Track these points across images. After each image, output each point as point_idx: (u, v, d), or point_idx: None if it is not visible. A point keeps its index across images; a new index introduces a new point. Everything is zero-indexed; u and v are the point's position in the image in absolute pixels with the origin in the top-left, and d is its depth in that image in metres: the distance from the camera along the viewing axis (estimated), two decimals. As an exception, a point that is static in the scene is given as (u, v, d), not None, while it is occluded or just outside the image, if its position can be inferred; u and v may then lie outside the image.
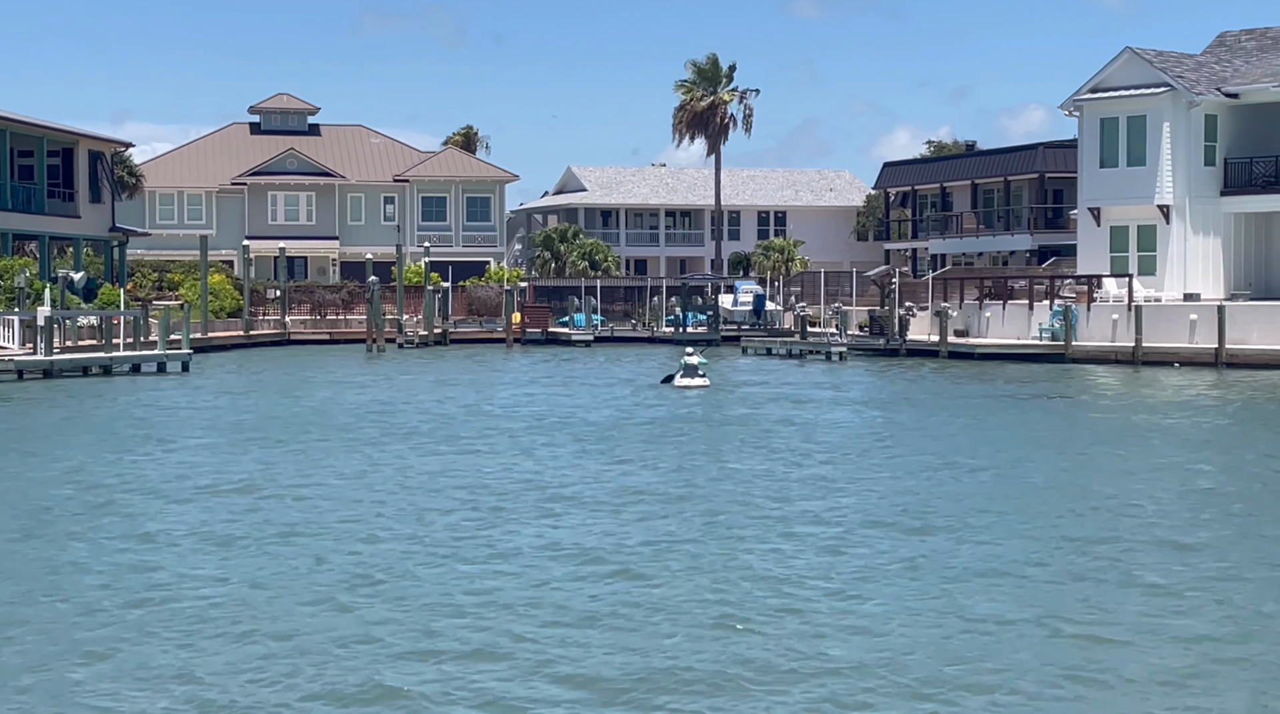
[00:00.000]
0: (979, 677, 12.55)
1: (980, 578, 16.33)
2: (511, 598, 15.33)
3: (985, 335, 58.96)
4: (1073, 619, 14.49)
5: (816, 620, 14.42)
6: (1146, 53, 58.74)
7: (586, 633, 13.93)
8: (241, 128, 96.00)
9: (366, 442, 29.40)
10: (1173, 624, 14.32)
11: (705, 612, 14.74)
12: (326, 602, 15.18)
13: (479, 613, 14.67)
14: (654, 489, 22.95)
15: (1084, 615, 14.64)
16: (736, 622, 14.32)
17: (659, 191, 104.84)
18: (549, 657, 13.11)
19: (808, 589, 15.78)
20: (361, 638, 13.73)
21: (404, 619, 14.43)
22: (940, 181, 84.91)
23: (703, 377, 44.36)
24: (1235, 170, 57.92)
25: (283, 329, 73.25)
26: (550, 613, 14.68)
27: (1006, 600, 15.25)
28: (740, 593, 15.58)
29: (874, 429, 32.08)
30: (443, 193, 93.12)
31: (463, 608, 14.87)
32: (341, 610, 14.79)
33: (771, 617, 14.55)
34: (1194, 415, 34.98)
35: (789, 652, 13.27)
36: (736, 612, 14.71)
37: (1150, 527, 19.54)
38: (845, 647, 13.42)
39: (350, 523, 19.73)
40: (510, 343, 71.34)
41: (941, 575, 16.42)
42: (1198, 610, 14.87)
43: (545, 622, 14.34)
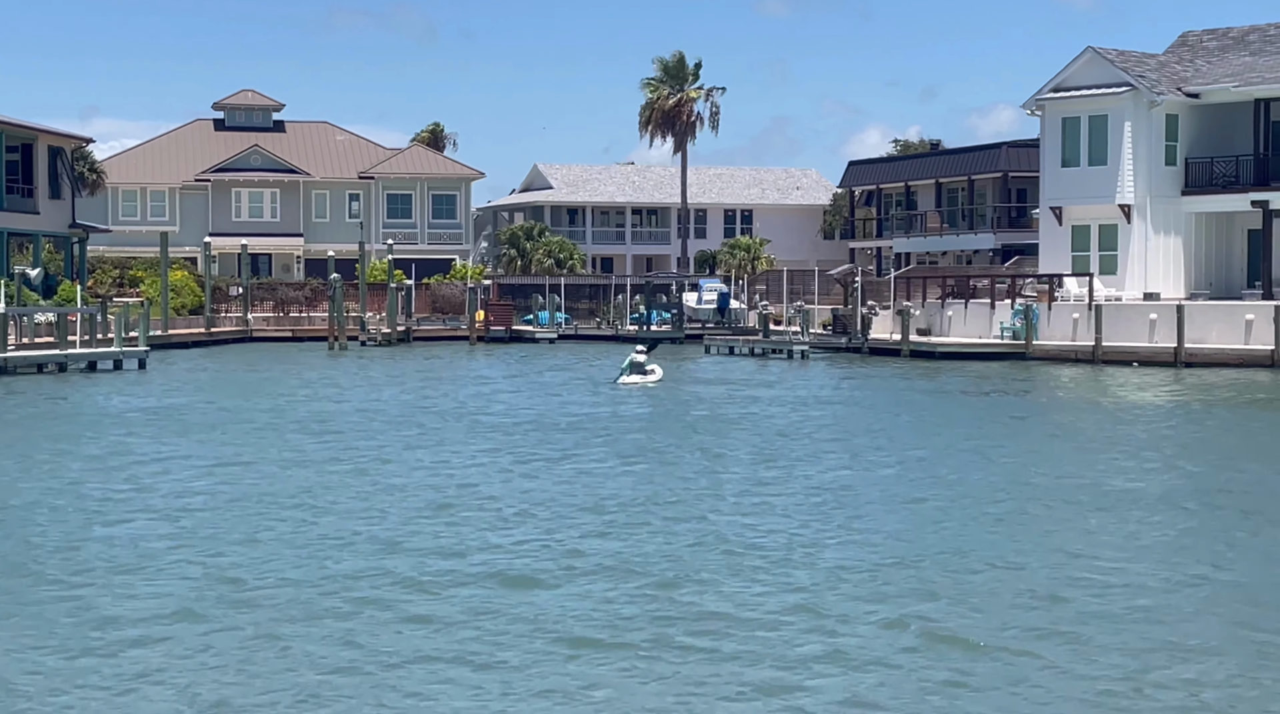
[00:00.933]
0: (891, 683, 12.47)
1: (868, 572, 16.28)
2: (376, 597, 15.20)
3: (948, 334, 58.99)
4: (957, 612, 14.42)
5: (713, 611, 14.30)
6: (1108, 52, 58.83)
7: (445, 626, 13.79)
8: (205, 124, 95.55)
9: (283, 440, 29.32)
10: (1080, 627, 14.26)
11: (606, 611, 14.63)
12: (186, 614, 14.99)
13: (333, 619, 14.51)
14: (547, 490, 22.81)
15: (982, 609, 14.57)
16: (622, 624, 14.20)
17: (625, 190, 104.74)
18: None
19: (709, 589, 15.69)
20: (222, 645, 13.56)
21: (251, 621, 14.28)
22: (905, 180, 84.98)
23: (651, 374, 44.69)
24: (1196, 170, 58.04)
25: (245, 327, 72.93)
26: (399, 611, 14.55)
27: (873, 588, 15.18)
28: (622, 599, 15.46)
29: (816, 427, 32.01)
30: (408, 190, 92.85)
31: (319, 612, 14.72)
32: (197, 619, 14.57)
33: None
34: (1133, 412, 35.13)
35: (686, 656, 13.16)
36: (623, 613, 14.59)
37: (1051, 522, 19.56)
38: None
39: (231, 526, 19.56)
40: (473, 341, 71.15)
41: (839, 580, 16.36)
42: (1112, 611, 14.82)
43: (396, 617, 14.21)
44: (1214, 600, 15.48)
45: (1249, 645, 13.60)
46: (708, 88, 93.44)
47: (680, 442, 29.48)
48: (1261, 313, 50.10)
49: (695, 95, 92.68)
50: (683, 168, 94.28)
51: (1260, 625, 14.31)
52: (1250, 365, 48.51)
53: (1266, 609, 14.98)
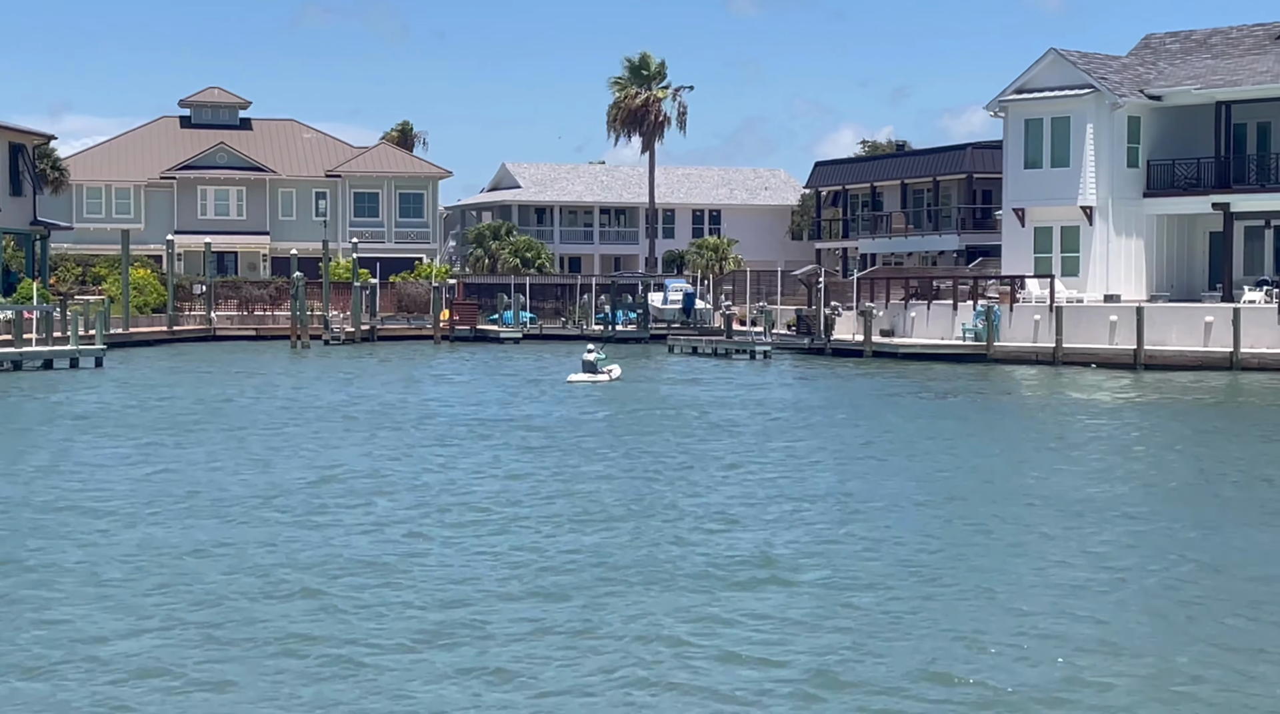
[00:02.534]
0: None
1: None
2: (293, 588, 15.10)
3: (911, 335, 59.01)
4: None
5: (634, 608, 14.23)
6: (1071, 54, 58.91)
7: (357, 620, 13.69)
8: (172, 121, 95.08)
9: (212, 438, 29.58)
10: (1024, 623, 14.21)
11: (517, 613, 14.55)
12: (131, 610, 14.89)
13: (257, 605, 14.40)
14: (472, 487, 22.81)
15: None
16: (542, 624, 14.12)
17: (593, 189, 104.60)
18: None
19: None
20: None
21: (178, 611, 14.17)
22: (871, 181, 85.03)
23: (606, 372, 45.35)
24: (1158, 172, 58.18)
25: (208, 325, 72.61)
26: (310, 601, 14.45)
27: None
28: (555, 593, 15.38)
29: (749, 426, 32.00)
30: (375, 188, 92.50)
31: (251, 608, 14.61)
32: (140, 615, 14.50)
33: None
34: (1082, 414, 35.25)
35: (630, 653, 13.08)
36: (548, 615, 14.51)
37: (991, 520, 19.54)
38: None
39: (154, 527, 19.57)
40: (437, 340, 70.93)
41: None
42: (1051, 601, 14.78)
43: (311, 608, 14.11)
44: (1152, 599, 15.47)
45: (1186, 644, 13.58)
46: (675, 87, 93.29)
47: (603, 438, 29.66)
48: (1220, 315, 50.21)
49: (662, 95, 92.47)
50: (650, 167, 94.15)
51: (1195, 625, 14.29)
52: (1209, 368, 48.62)
53: (1202, 608, 14.97)
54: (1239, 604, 15.25)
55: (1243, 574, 16.83)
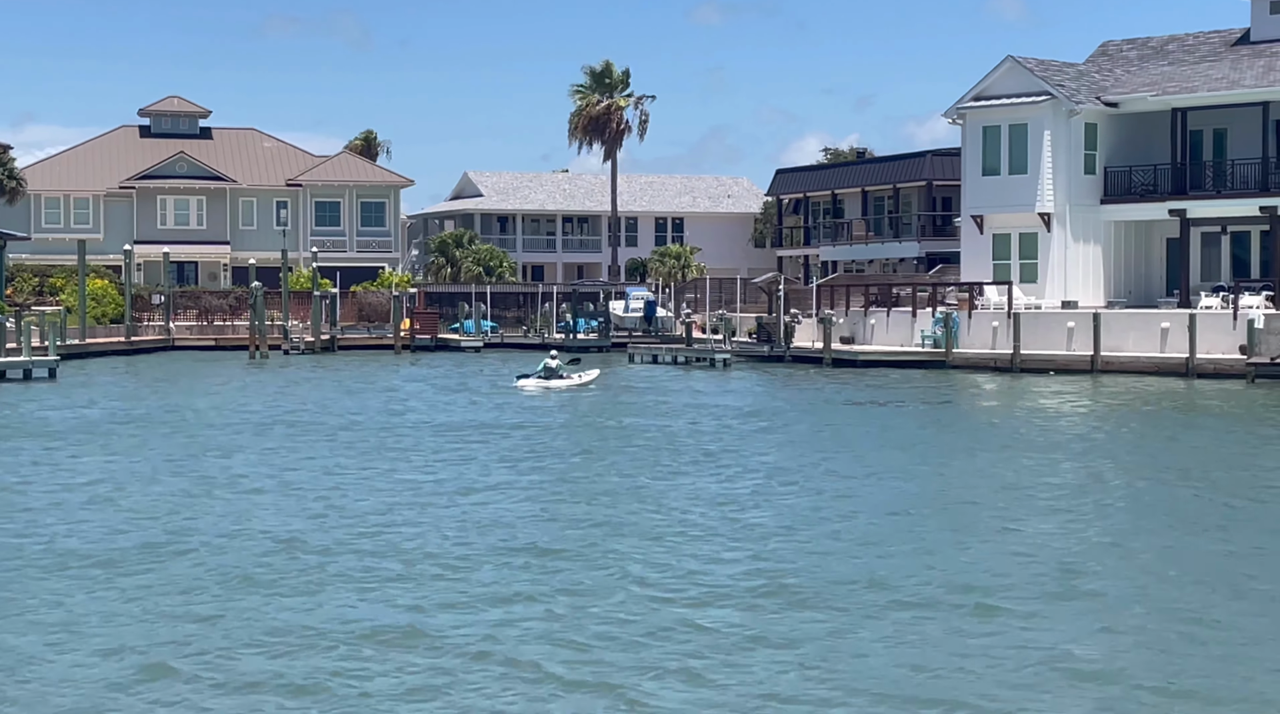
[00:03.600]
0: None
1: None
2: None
3: (871, 342, 59.06)
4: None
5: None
6: (1028, 61, 59.04)
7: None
8: (131, 131, 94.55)
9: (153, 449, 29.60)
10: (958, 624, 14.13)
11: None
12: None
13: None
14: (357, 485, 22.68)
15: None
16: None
17: (556, 197, 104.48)
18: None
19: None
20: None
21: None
22: (832, 189, 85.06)
23: (577, 376, 46.29)
24: (1115, 179, 58.35)
25: (166, 335, 72.20)
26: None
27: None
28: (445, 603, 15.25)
29: (710, 434, 31.94)
30: (337, 198, 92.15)
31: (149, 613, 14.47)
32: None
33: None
34: (1032, 419, 35.30)
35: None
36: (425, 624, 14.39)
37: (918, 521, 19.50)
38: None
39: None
40: (398, 349, 70.64)
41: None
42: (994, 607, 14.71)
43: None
44: (1097, 605, 15.43)
45: (1141, 649, 13.53)
46: (637, 95, 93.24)
47: (544, 446, 29.66)
48: (1177, 321, 50.36)
49: (624, 103, 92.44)
50: (613, 175, 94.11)
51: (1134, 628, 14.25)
52: (1165, 373, 48.75)
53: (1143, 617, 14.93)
54: (1193, 609, 15.26)
55: (1190, 579, 16.82)
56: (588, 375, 47.84)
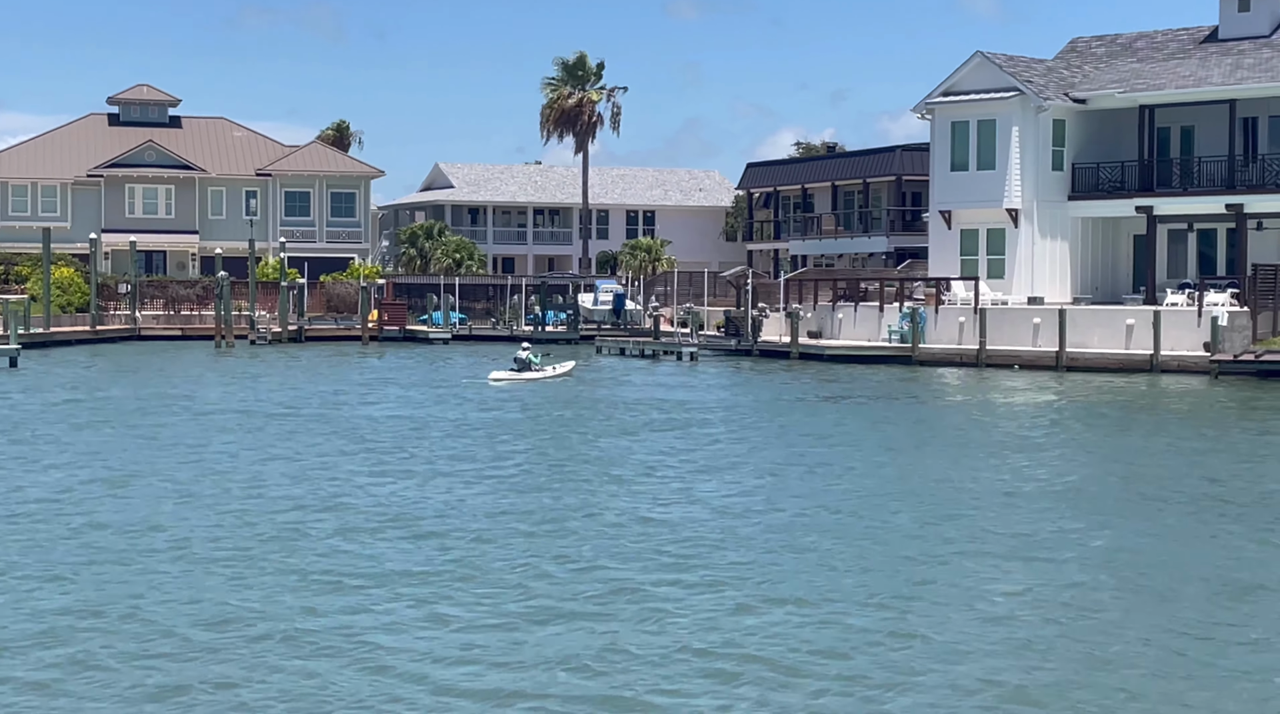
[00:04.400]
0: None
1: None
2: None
3: (838, 337, 59.01)
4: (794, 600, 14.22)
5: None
6: (997, 57, 59.06)
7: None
8: (100, 119, 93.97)
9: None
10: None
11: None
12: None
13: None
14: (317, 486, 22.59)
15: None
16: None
17: (527, 189, 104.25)
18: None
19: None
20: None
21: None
22: (802, 183, 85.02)
23: (551, 368, 46.93)
24: (1082, 175, 58.42)
25: (133, 324, 71.88)
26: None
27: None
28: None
29: (669, 427, 31.90)
30: (306, 188, 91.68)
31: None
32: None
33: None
34: (993, 415, 35.30)
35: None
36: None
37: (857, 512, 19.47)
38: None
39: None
40: (365, 341, 70.41)
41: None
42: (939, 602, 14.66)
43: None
44: (1062, 598, 15.39)
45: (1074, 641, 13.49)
46: (609, 88, 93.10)
47: (486, 440, 29.64)
48: (1141, 318, 50.43)
49: (597, 97, 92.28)
50: (584, 168, 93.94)
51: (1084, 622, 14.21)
52: (1130, 370, 48.83)
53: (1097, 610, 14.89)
54: (1160, 603, 15.26)
55: (1138, 572, 16.80)
56: (561, 367, 48.07)
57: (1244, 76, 55.22)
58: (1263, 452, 28.67)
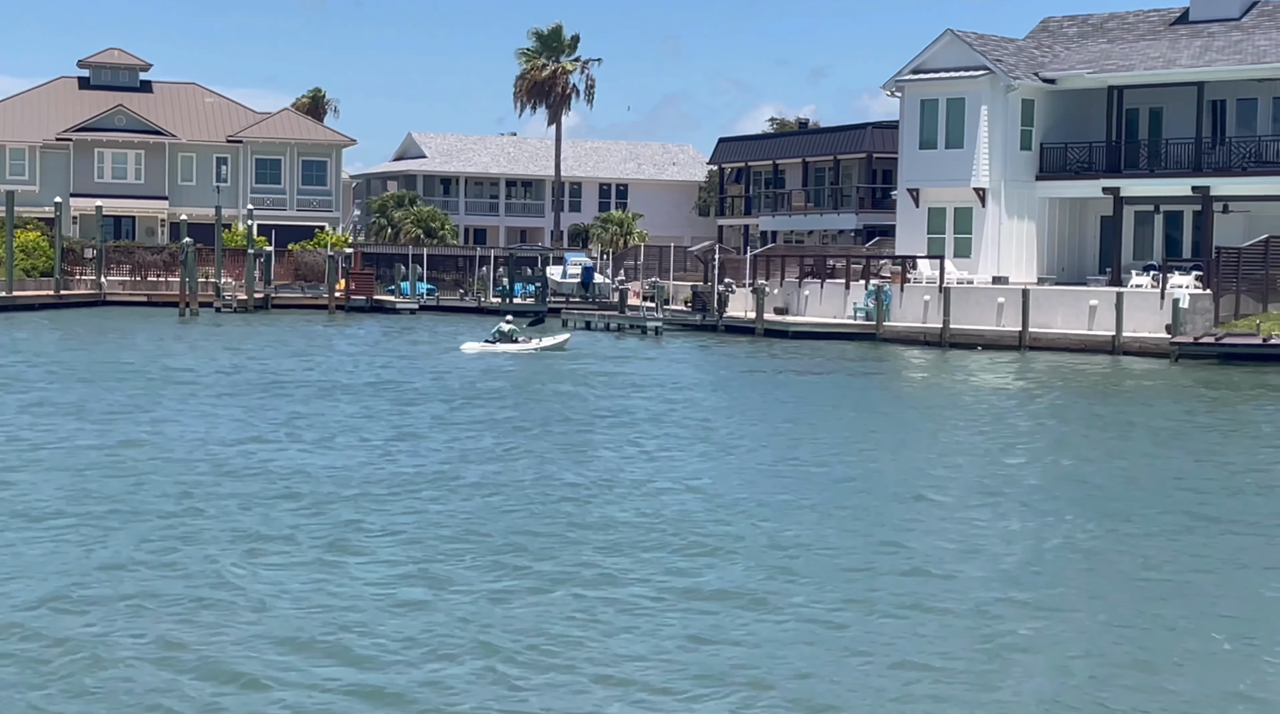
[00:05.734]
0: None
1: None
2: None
3: (804, 314, 58.94)
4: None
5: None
6: (967, 35, 58.90)
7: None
8: (70, 82, 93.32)
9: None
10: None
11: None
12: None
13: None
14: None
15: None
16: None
17: (500, 161, 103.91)
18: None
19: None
20: None
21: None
22: (774, 159, 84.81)
23: (524, 341, 47.08)
24: (1050, 155, 58.34)
25: (98, 290, 71.48)
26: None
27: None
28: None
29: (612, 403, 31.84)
30: (278, 155, 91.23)
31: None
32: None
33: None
34: (944, 395, 35.29)
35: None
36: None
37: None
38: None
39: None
40: (332, 310, 70.11)
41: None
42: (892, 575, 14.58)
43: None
44: (1021, 581, 15.31)
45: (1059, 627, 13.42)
46: (584, 59, 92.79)
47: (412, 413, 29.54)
48: (1104, 299, 50.39)
49: (571, 68, 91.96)
50: (557, 140, 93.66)
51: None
52: (1092, 351, 48.81)
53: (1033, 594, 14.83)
54: (1115, 587, 15.22)
55: (1089, 554, 16.75)
56: (551, 340, 48.25)
57: (1213, 59, 55.14)
58: (1193, 435, 28.58)
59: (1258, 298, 49.42)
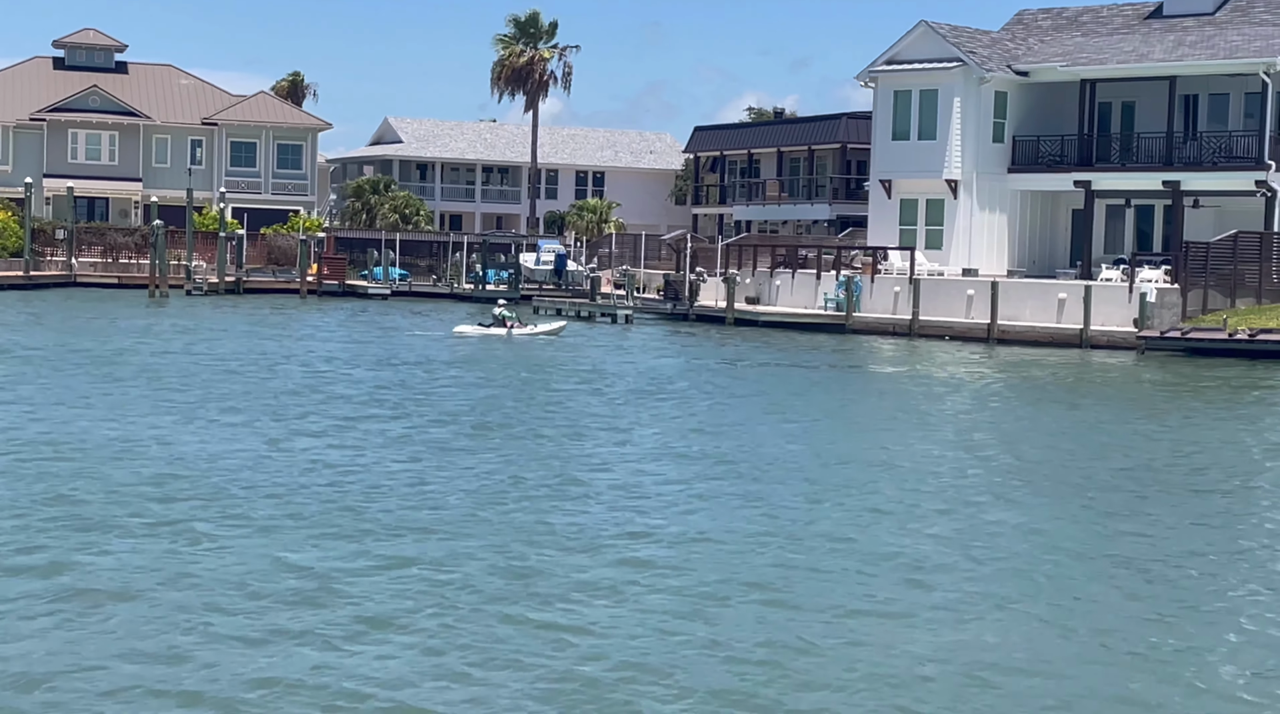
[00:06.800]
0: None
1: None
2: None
3: (776, 303, 58.89)
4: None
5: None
6: (941, 27, 58.85)
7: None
8: (44, 62, 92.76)
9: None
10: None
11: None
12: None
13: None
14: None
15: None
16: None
17: (477, 147, 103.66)
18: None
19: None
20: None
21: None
22: (749, 148, 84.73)
23: (519, 326, 47.66)
24: (1023, 148, 58.34)
25: (69, 271, 71.19)
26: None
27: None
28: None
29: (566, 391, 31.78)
30: (253, 138, 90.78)
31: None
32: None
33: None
34: (904, 386, 35.29)
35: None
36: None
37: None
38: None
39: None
40: (304, 294, 69.92)
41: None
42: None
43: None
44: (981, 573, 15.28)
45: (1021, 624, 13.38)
46: (562, 46, 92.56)
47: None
48: (1073, 292, 50.40)
49: (548, 55, 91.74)
50: (533, 126, 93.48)
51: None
52: (1061, 344, 48.84)
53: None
54: (1078, 581, 15.22)
55: (1049, 550, 16.74)
56: (545, 326, 49.00)
57: (1185, 53, 55.14)
58: (1147, 427, 28.62)
59: (1226, 293, 49.51)
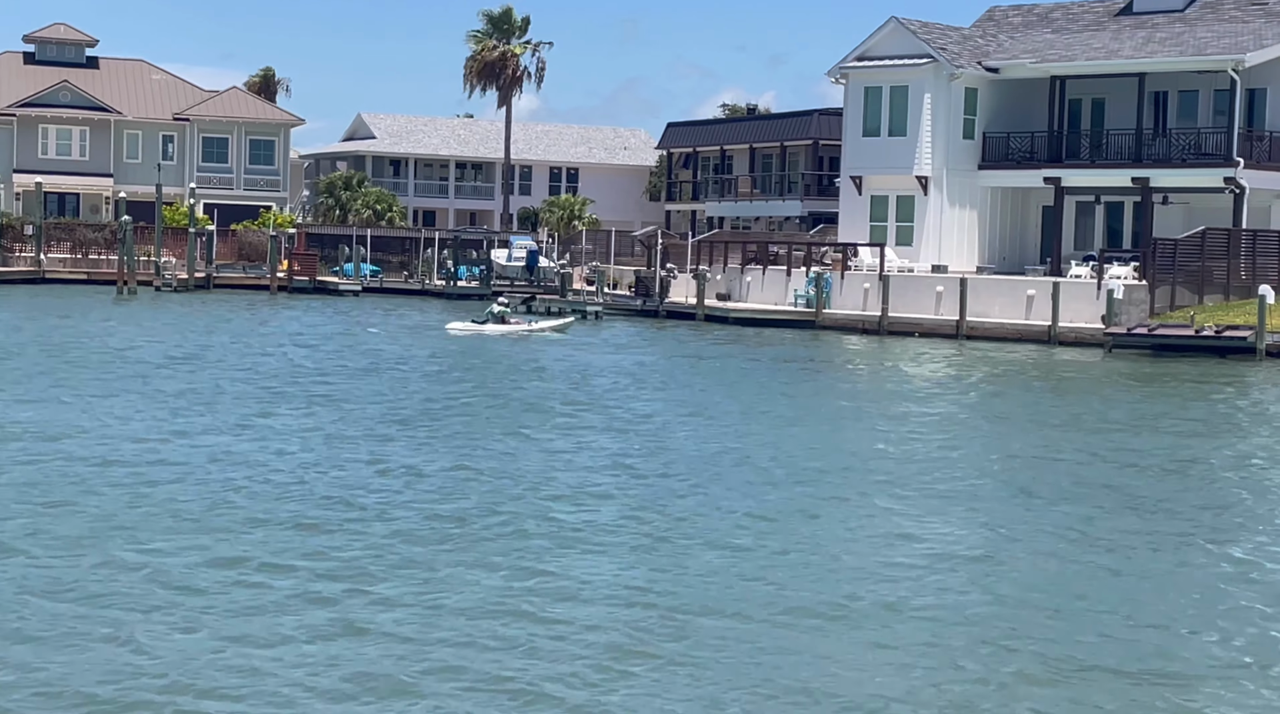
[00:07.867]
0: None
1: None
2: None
3: (746, 300, 58.85)
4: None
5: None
6: (911, 23, 58.83)
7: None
8: (14, 57, 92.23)
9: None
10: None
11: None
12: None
13: None
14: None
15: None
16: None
17: (450, 142, 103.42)
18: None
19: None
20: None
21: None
22: (721, 144, 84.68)
23: (518, 322, 48.19)
24: (993, 144, 58.36)
25: (37, 267, 70.82)
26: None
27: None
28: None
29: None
30: (225, 134, 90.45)
31: None
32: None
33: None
34: (869, 383, 35.25)
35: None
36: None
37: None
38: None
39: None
40: (274, 290, 69.64)
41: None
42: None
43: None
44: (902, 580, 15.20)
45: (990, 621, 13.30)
46: (535, 42, 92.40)
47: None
48: (1042, 289, 50.41)
49: (521, 50, 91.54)
50: (507, 122, 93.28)
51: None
52: (1028, 340, 48.84)
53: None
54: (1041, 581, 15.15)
55: (1014, 552, 16.67)
56: (549, 323, 49.02)
57: (1154, 50, 55.20)
58: (1100, 424, 28.58)
59: (1193, 289, 49.58)
